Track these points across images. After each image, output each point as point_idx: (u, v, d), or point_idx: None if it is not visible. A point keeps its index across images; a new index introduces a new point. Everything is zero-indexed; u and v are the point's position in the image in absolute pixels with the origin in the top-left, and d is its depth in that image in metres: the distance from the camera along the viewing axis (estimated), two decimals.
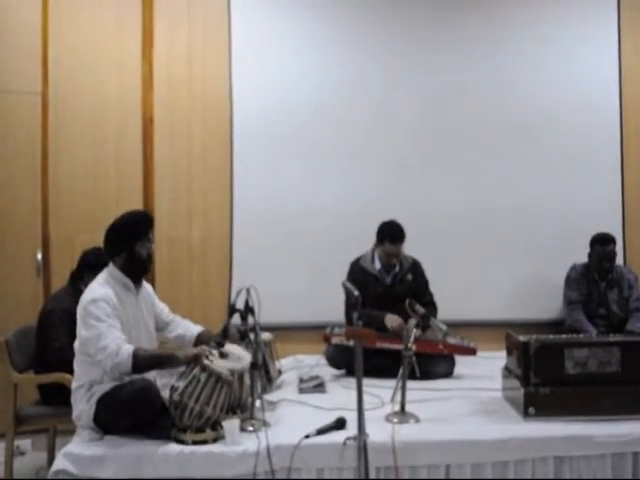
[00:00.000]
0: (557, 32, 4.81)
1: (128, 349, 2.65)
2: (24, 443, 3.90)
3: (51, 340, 3.33)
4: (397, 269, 3.95)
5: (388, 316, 3.72)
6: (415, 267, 4.00)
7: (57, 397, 3.22)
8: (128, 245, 2.86)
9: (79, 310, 2.76)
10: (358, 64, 4.71)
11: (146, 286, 3.06)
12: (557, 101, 4.79)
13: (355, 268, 3.97)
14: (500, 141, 4.78)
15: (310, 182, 4.66)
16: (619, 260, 4.57)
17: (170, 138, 4.61)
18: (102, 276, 2.88)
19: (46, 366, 3.33)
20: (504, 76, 4.79)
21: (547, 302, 4.67)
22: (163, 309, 3.14)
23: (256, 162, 4.62)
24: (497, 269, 4.72)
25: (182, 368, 2.77)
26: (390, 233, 3.84)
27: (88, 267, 3.48)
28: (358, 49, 4.72)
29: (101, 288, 2.79)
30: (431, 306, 3.92)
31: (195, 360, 2.71)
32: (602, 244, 4.34)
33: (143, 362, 2.69)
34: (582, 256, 4.45)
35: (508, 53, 4.80)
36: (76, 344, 2.80)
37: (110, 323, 2.69)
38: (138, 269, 2.91)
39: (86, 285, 2.91)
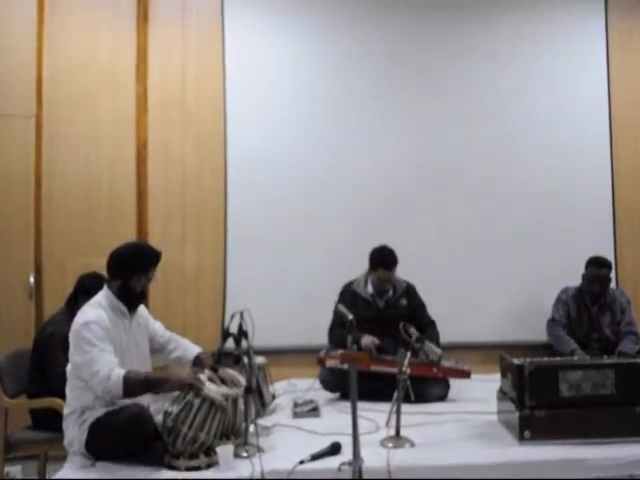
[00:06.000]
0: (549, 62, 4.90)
1: (119, 373, 2.64)
2: (14, 469, 3.84)
3: (54, 365, 3.27)
4: (390, 294, 3.96)
5: (365, 337, 3.71)
6: (409, 291, 4.01)
7: (50, 422, 3.18)
8: (124, 275, 2.86)
9: (71, 333, 2.75)
10: (353, 89, 4.75)
11: (140, 309, 3.04)
12: (546, 122, 4.84)
13: (346, 292, 3.99)
14: (488, 165, 4.81)
15: (303, 207, 4.67)
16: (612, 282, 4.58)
17: (164, 162, 4.62)
18: (96, 298, 2.88)
19: (44, 390, 3.28)
20: (492, 101, 4.86)
21: (541, 324, 4.64)
22: (157, 330, 3.11)
23: (250, 187, 4.63)
24: (490, 291, 4.73)
25: (176, 393, 2.75)
26: (382, 259, 3.87)
27: (84, 291, 3.46)
28: (353, 73, 4.75)
29: (93, 310, 2.79)
30: (430, 328, 3.92)
31: (189, 388, 2.70)
32: (597, 267, 4.35)
33: (134, 386, 2.67)
34: (574, 278, 4.46)
35: (502, 77, 4.88)
36: (68, 368, 2.79)
37: (102, 347, 2.68)
38: (129, 300, 2.89)
39: None
